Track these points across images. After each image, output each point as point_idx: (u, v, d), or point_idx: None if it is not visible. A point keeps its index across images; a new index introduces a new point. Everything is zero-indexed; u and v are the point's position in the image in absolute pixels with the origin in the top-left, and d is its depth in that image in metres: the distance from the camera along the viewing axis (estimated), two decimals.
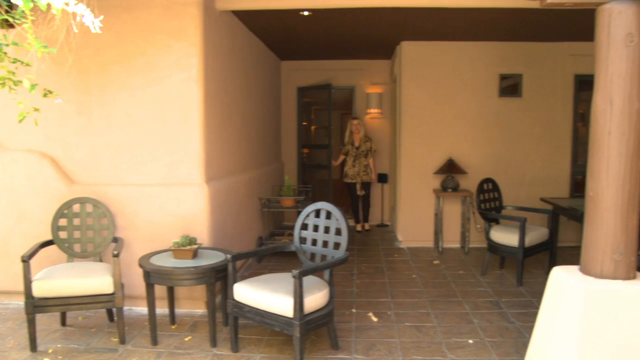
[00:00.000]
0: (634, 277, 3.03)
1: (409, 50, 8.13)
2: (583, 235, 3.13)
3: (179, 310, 5.26)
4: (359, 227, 9.51)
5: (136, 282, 5.10)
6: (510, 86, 8.27)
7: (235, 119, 6.52)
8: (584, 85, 8.13)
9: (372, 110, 9.85)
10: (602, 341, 2.88)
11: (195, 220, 5.25)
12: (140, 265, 4.47)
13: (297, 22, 6.76)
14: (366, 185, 9.39)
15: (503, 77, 8.21)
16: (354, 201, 9.45)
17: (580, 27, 6.70)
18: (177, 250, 4.55)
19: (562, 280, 3.15)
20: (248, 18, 6.56)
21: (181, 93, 5.25)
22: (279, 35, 7.67)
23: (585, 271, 3.09)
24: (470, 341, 4.67)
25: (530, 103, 8.20)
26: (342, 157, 9.44)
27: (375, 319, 5.17)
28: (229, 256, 4.32)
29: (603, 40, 2.89)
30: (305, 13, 6.25)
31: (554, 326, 3.10)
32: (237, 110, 6.61)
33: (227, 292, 4.43)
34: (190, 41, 5.21)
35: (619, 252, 2.94)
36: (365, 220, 9.60)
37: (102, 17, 2.95)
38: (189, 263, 4.46)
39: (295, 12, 6.19)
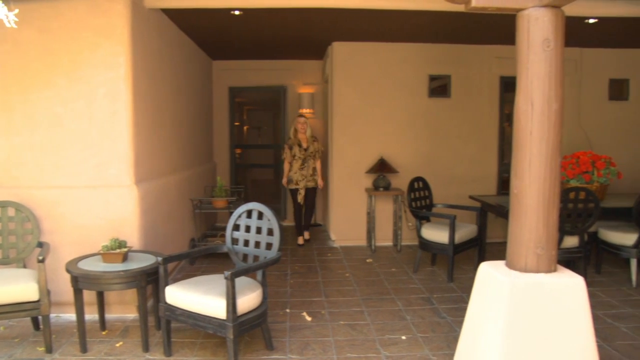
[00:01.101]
0: (555, 270, 3.17)
1: (340, 51, 8.21)
2: (508, 231, 3.24)
3: (109, 316, 5.13)
4: (300, 241, 8.47)
5: (64, 287, 4.94)
6: (439, 87, 8.47)
7: (166, 119, 6.41)
8: (509, 86, 8.42)
9: (304, 110, 9.87)
10: (527, 331, 2.99)
11: (125, 223, 5.13)
12: (68, 270, 4.33)
13: (228, 22, 6.71)
14: (311, 192, 8.43)
15: (432, 78, 8.41)
16: (296, 211, 8.44)
17: (504, 31, 6.92)
18: (106, 254, 4.45)
19: (488, 275, 3.26)
20: (178, 17, 6.46)
21: (109, 92, 5.12)
22: (210, 35, 7.60)
23: (510, 266, 3.21)
24: (403, 337, 4.76)
25: (459, 103, 8.43)
26: (287, 167, 8.33)
27: (309, 319, 5.20)
28: (160, 259, 4.26)
29: (523, 45, 3.01)
30: (236, 12, 6.20)
31: (482, 319, 3.21)
32: (168, 110, 6.50)
33: (158, 295, 4.36)
34: (118, 39, 5.09)
35: (541, 246, 3.07)
36: (307, 228, 8.64)
37: (16, 10, 2.85)
38: (119, 267, 4.36)
39: (226, 12, 6.14)
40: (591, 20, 6.62)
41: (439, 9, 5.67)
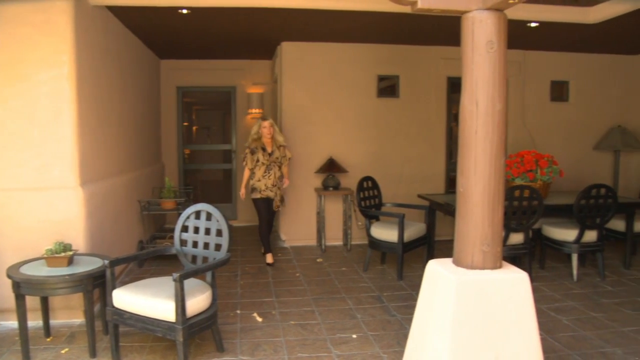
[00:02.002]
0: (500, 267, 3.24)
1: (290, 51, 8.20)
2: (455, 229, 3.31)
3: (54, 322, 4.98)
4: (269, 259, 7.37)
5: (5, 293, 4.76)
6: (387, 87, 8.57)
7: (112, 119, 6.29)
8: (456, 87, 8.57)
9: (254, 110, 9.84)
10: (474, 326, 3.06)
11: (70, 226, 5.00)
12: (9, 276, 4.20)
13: (175, 21, 6.62)
14: (273, 204, 7.32)
15: (381, 78, 8.50)
16: (262, 224, 7.32)
17: (450, 32, 7.05)
18: (51, 258, 4.33)
19: (436, 272, 3.32)
20: (124, 14, 6.34)
21: (51, 91, 4.97)
22: (157, 34, 7.48)
23: (457, 263, 3.27)
24: (354, 336, 4.80)
25: (407, 103, 8.54)
26: (247, 174, 7.24)
27: (260, 319, 5.18)
28: (106, 262, 4.18)
29: (468, 46, 3.07)
30: (184, 11, 6.12)
31: (430, 316, 3.26)
32: (115, 110, 6.37)
33: (106, 299, 4.27)
34: (61, 36, 4.95)
35: (486, 243, 3.13)
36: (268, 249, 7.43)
37: None
38: (64, 271, 4.26)
39: (173, 10, 6.05)
40: (533, 24, 6.80)
41: (386, 9, 5.74)
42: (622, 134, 8.89)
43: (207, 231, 4.58)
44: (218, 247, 4.50)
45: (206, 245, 4.60)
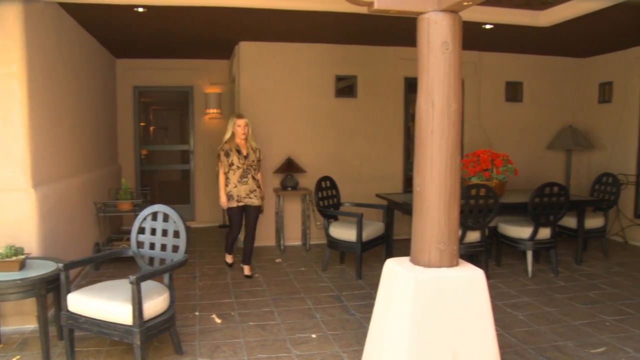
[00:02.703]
0: (457, 264, 3.29)
1: (248, 51, 8.16)
2: (412, 228, 3.34)
3: (5, 328, 4.83)
4: (247, 271, 6.73)
5: None
6: (345, 87, 8.60)
7: (66, 119, 6.15)
8: (413, 87, 8.65)
9: (211, 111, 9.77)
10: (431, 323, 3.09)
11: (21, 229, 4.87)
12: None
13: (131, 19, 6.51)
14: (253, 211, 6.70)
15: (339, 79, 8.53)
16: (235, 234, 6.81)
17: (407, 33, 7.12)
18: (1, 262, 4.21)
19: (394, 271, 3.35)
20: (77, 12, 6.20)
21: (0, 91, 4.84)
22: (113, 32, 7.35)
23: (414, 261, 3.31)
24: (314, 335, 4.80)
25: (365, 103, 8.59)
26: (223, 179, 6.58)
27: (219, 321, 5.15)
28: (60, 265, 4.08)
29: (424, 47, 3.11)
30: (140, 10, 6.02)
31: (389, 314, 3.28)
32: (68, 110, 6.24)
33: (60, 303, 4.18)
34: (9, 33, 4.79)
35: (443, 242, 3.18)
36: (248, 261, 6.81)
37: None
38: (15, 275, 4.14)
39: (129, 8, 5.94)
40: (488, 26, 6.92)
41: (343, 10, 5.77)
42: (574, 134, 9.13)
43: (165, 233, 4.53)
44: (175, 248, 4.45)
45: (163, 247, 4.54)
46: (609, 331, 4.95)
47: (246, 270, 6.73)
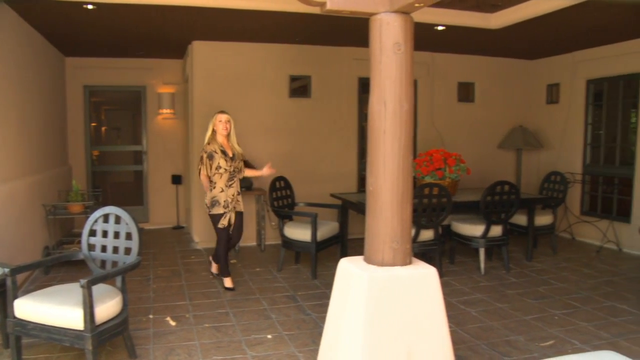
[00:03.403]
0: (410, 263, 3.32)
1: (201, 50, 8.09)
2: (365, 227, 3.36)
3: None
4: (228, 283, 6.24)
5: None
6: (300, 87, 8.61)
7: (11, 119, 5.98)
8: (367, 87, 8.67)
9: (165, 111, 9.63)
10: (385, 322, 3.12)
11: None
12: None
13: (80, 16, 6.33)
14: (239, 217, 6.30)
15: (293, 79, 8.53)
16: (223, 243, 6.17)
17: (360, 33, 7.18)
18: None
19: (348, 270, 3.36)
20: (22, 8, 6.01)
21: None
22: (61, 30, 7.16)
23: (368, 260, 3.33)
24: (269, 336, 4.80)
25: (319, 103, 8.61)
26: (206, 181, 6.08)
27: (173, 323, 5.09)
28: (6, 270, 3.96)
29: (376, 48, 3.13)
30: (89, 7, 5.87)
31: (343, 313, 3.30)
32: (14, 109, 6.06)
33: (6, 310, 4.05)
34: None
35: (396, 241, 3.20)
36: (218, 260, 6.36)
37: None
38: None
39: (78, 5, 5.78)
40: (440, 28, 7.02)
41: (297, 10, 5.78)
42: (523, 134, 9.34)
43: (117, 235, 4.44)
44: (128, 250, 4.37)
45: (115, 250, 4.46)
46: (557, 325, 5.10)
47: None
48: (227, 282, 6.23)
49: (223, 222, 6.05)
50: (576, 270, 7.01)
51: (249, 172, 6.47)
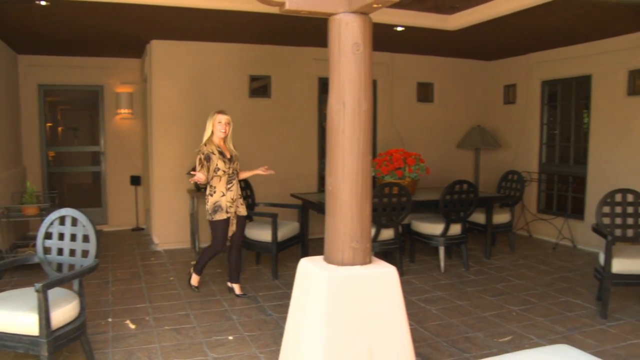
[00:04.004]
0: (370, 262, 3.34)
1: (159, 49, 7.99)
2: (325, 227, 3.37)
3: None
4: (195, 281, 6.17)
5: None
6: (260, 87, 8.58)
7: None
8: (327, 87, 8.70)
9: (123, 111, 9.48)
10: (346, 321, 3.13)
11: None
12: None
13: (32, 13, 6.15)
14: (241, 222, 6.01)
15: (253, 79, 8.50)
16: (217, 249, 5.90)
17: (320, 34, 7.18)
18: None
19: (308, 270, 3.36)
20: None
21: None
22: (12, 26, 6.92)
23: (328, 260, 3.34)
24: (230, 337, 4.78)
25: (279, 103, 8.60)
26: (199, 177, 5.66)
27: (133, 326, 5.02)
28: None
29: (335, 48, 3.14)
30: (42, 3, 5.71)
31: (304, 313, 3.30)
32: None
33: None
34: None
35: (356, 240, 3.22)
36: (237, 279, 6.06)
37: None
38: None
39: (30, 1, 5.65)
40: (399, 28, 7.07)
41: (256, 10, 5.75)
42: (482, 133, 9.49)
43: (73, 237, 4.35)
44: (85, 253, 4.28)
45: (72, 252, 4.36)
46: (515, 320, 5.20)
47: (237, 289, 5.99)
48: (194, 280, 6.14)
49: (232, 228, 5.87)
50: (533, 267, 7.16)
51: (243, 174, 6.19)
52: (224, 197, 5.74)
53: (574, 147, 8.69)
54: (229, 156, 5.81)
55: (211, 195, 5.78)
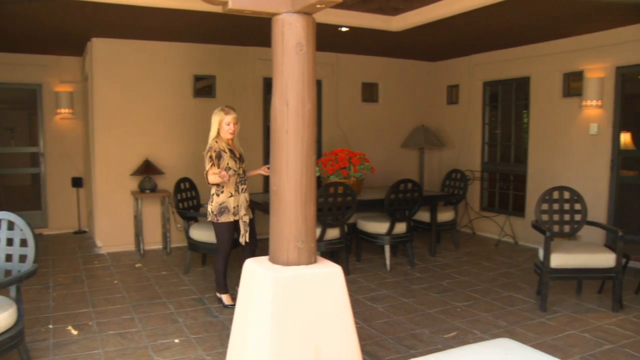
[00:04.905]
0: (315, 262, 3.35)
1: (101, 48, 7.80)
2: (270, 227, 3.36)
3: None
4: (228, 300, 5.64)
5: None
6: (204, 87, 8.50)
7: None
8: (272, 87, 8.71)
9: (63, 111, 9.20)
10: (292, 322, 3.13)
11: None
12: None
13: None
14: (251, 224, 5.73)
15: (197, 78, 8.40)
16: (224, 255, 5.62)
17: (265, 33, 7.15)
18: None
19: (253, 271, 3.35)
20: None
21: None
22: None
23: (273, 260, 3.33)
24: (177, 340, 4.72)
25: (224, 103, 8.48)
26: (226, 175, 5.24)
27: (75, 332, 4.89)
28: None
29: (278, 48, 3.14)
30: None
31: (250, 314, 3.28)
32: None
33: None
34: None
35: (301, 240, 3.22)
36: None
37: None
38: None
39: None
40: (344, 29, 7.12)
41: (199, 8, 5.69)
42: (425, 133, 9.64)
43: (10, 242, 4.21)
44: (23, 258, 4.15)
45: (9, 257, 4.22)
46: (459, 316, 5.31)
47: (226, 298, 5.68)
48: (226, 299, 5.63)
49: (241, 238, 5.53)
50: (477, 264, 7.33)
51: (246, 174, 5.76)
52: (232, 198, 5.38)
53: (515, 146, 8.93)
54: (238, 155, 5.53)
55: (217, 195, 5.43)
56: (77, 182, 9.31)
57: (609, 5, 5.94)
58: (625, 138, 7.30)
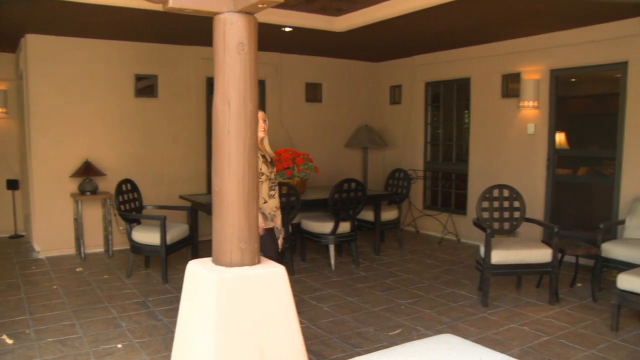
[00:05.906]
0: (258, 262, 3.34)
1: (36, 45, 7.55)
2: (213, 229, 3.34)
3: None
4: None
5: None
6: (146, 87, 8.35)
7: None
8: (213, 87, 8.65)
9: None
10: (237, 323, 3.11)
11: None
12: None
13: None
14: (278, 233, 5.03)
15: (139, 78, 8.25)
16: (274, 248, 4.84)
17: (207, 33, 7.08)
18: None
19: (196, 272, 3.32)
20: None
21: None
22: None
23: (216, 261, 3.30)
24: (120, 345, 4.63)
25: (166, 104, 8.41)
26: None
27: (10, 341, 4.72)
28: None
29: (220, 47, 3.12)
30: None
31: (194, 316, 3.25)
32: None
33: None
34: None
35: (244, 241, 3.21)
36: None
37: None
38: None
39: None
40: (287, 29, 7.12)
41: (139, 7, 5.60)
42: (369, 133, 9.74)
43: None
44: None
45: None
46: (404, 314, 5.40)
47: None
48: None
49: (279, 243, 4.95)
50: (420, 262, 7.44)
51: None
52: (266, 205, 4.83)
53: (456, 145, 9.12)
54: (269, 159, 4.99)
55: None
56: (12, 185, 9.00)
57: (571, 6, 6.06)
58: (560, 138, 7.56)
